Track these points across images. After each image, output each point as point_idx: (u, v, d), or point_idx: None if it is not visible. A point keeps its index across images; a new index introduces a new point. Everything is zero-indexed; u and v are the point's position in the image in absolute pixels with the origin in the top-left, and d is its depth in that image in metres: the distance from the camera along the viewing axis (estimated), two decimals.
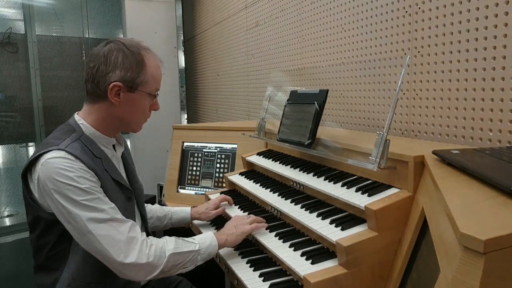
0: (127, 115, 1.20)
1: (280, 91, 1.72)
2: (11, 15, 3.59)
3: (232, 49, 3.11)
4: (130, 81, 1.15)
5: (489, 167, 0.81)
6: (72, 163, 1.06)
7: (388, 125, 1.01)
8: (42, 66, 3.66)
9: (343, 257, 0.93)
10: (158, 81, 1.23)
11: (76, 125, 1.19)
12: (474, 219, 0.61)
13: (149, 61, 1.19)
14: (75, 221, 1.04)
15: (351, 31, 1.68)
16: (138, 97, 1.18)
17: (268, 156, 1.65)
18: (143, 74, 1.17)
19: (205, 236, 1.21)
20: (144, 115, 1.24)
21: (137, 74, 1.16)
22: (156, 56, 1.24)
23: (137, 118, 1.23)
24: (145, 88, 1.18)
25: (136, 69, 1.15)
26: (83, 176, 1.06)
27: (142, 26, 3.72)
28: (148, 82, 1.18)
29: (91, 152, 1.14)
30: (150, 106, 1.24)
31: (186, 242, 1.16)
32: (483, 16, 1.12)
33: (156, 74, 1.21)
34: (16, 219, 3.65)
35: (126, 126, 1.24)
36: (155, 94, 1.23)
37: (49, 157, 1.06)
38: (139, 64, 1.16)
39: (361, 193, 1.05)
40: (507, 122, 1.08)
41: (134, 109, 1.20)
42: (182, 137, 2.16)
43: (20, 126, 3.64)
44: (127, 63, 1.15)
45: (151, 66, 1.19)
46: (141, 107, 1.21)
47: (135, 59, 1.16)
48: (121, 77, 1.14)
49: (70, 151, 1.08)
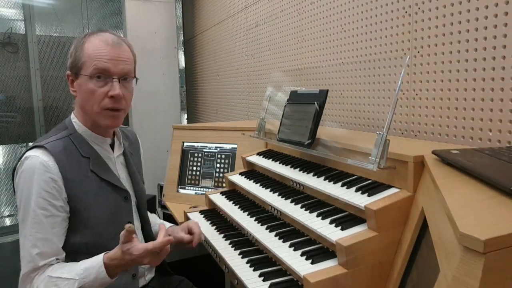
0: (82, 105, 1.18)
1: (280, 91, 1.72)
2: (11, 15, 3.60)
3: (232, 49, 3.11)
4: (73, 67, 1.15)
5: (489, 167, 0.82)
6: (41, 168, 1.08)
7: (388, 125, 1.01)
8: (42, 66, 3.66)
9: (343, 257, 0.93)
10: (97, 59, 1.11)
11: (70, 123, 1.20)
12: (474, 219, 0.61)
13: (88, 42, 1.13)
14: (19, 220, 1.10)
15: (351, 31, 1.68)
16: (82, 82, 1.14)
17: (268, 156, 1.65)
18: (82, 56, 1.13)
19: (91, 265, 1.06)
20: (95, 101, 1.13)
21: (76, 58, 1.14)
22: (111, 35, 1.16)
23: (90, 107, 1.14)
24: (85, 71, 1.13)
25: (76, 53, 1.14)
26: (43, 189, 1.07)
27: (142, 26, 3.72)
28: (85, 63, 1.12)
29: (78, 151, 1.15)
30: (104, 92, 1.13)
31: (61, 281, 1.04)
32: (483, 16, 1.12)
33: (92, 53, 1.11)
34: (16, 219, 3.65)
35: (89, 116, 1.18)
36: (93, 75, 1.11)
37: (28, 155, 1.10)
38: (79, 48, 1.14)
39: (361, 193, 1.05)
40: (506, 122, 1.08)
41: (84, 96, 1.15)
42: (182, 137, 2.16)
43: (20, 126, 3.65)
44: (73, 50, 1.16)
45: (89, 47, 1.12)
46: (87, 92, 1.13)
47: (77, 44, 1.15)
48: (69, 65, 1.16)
49: (49, 148, 1.10)
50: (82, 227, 1.13)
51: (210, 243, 1.36)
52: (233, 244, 1.31)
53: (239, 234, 1.40)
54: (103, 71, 1.12)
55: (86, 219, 1.13)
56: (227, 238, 1.37)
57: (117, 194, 1.21)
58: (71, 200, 1.12)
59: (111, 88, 1.12)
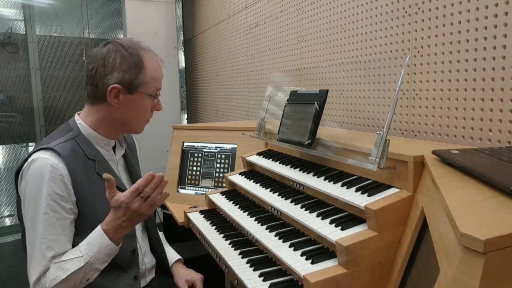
0: (127, 117, 1.19)
1: (280, 91, 1.72)
2: (11, 15, 3.60)
3: (232, 49, 3.11)
4: (129, 83, 1.14)
5: (489, 167, 0.81)
6: (51, 171, 1.06)
7: (388, 125, 1.01)
8: (42, 66, 3.66)
9: (343, 257, 0.93)
10: (159, 81, 1.22)
11: (74, 125, 1.19)
12: (474, 219, 0.61)
13: (148, 62, 1.18)
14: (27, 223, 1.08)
15: (351, 31, 1.68)
16: (138, 99, 1.17)
17: (268, 156, 1.65)
18: (142, 75, 1.16)
19: (92, 240, 1.08)
20: (145, 116, 1.23)
21: (135, 76, 1.15)
22: (157, 56, 1.23)
23: (138, 120, 1.22)
24: (145, 89, 1.17)
25: (134, 70, 1.14)
26: (52, 190, 1.06)
27: (142, 26, 3.72)
28: (147, 83, 1.17)
29: (84, 153, 1.14)
30: (152, 107, 1.23)
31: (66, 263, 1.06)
32: (483, 16, 1.12)
33: (156, 75, 1.20)
34: (16, 219, 3.65)
35: (127, 128, 1.24)
36: (155, 94, 1.21)
37: (35, 157, 1.08)
38: (138, 65, 1.15)
39: (361, 193, 1.05)
40: (507, 122, 1.08)
41: (134, 111, 1.19)
42: (182, 137, 2.16)
43: (20, 126, 3.65)
44: (125, 65, 1.14)
45: (150, 67, 1.18)
46: (142, 108, 1.20)
47: (134, 61, 1.15)
48: (120, 79, 1.13)
49: (58, 151, 1.08)
50: (87, 229, 1.12)
51: (210, 243, 1.36)
52: (233, 244, 1.31)
53: (239, 234, 1.40)
54: (159, 91, 1.24)
55: (92, 221, 1.12)
56: (227, 238, 1.37)
57: None
58: (79, 202, 1.12)
59: (158, 104, 1.25)
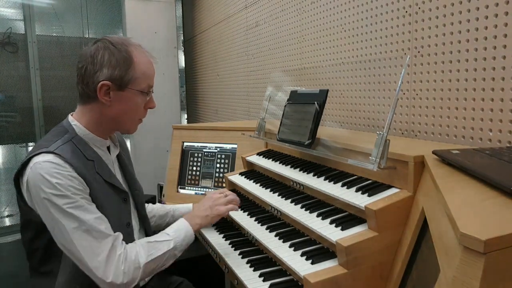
0: (119, 114, 1.17)
1: (280, 91, 1.72)
2: (11, 15, 3.59)
3: (232, 49, 3.11)
4: (119, 79, 1.12)
5: (489, 167, 0.81)
6: (59, 169, 1.04)
7: (388, 125, 1.01)
8: (42, 66, 3.66)
9: (343, 257, 0.93)
10: (150, 77, 1.20)
11: (69, 126, 1.17)
12: (474, 219, 0.61)
13: (138, 58, 1.16)
14: (58, 229, 1.03)
15: (351, 31, 1.68)
16: (129, 96, 1.15)
17: (268, 156, 1.65)
18: (132, 71, 1.14)
19: (179, 227, 1.20)
20: (137, 114, 1.21)
21: (125, 72, 1.13)
22: (147, 52, 1.21)
23: (131, 118, 1.20)
24: (136, 86, 1.15)
25: (123, 66, 1.13)
26: (68, 184, 1.03)
27: (142, 26, 3.72)
28: (138, 79, 1.15)
29: (83, 154, 1.13)
30: (145, 105, 1.21)
31: (159, 244, 1.13)
32: (483, 16, 1.12)
33: (146, 70, 1.18)
34: (16, 219, 3.65)
35: (120, 126, 1.22)
36: (147, 91, 1.19)
37: (37, 160, 1.04)
38: (126, 61, 1.13)
39: (361, 193, 1.05)
40: (507, 122, 1.08)
41: (126, 108, 1.17)
42: (182, 137, 2.16)
43: (20, 126, 3.64)
44: (114, 61, 1.12)
45: (141, 63, 1.16)
46: (133, 105, 1.18)
47: (122, 56, 1.13)
48: (109, 76, 1.11)
49: (59, 154, 1.06)
50: None
51: (210, 243, 1.36)
52: (233, 244, 1.31)
53: (239, 234, 1.40)
54: (151, 88, 1.22)
55: None
56: (227, 238, 1.37)
57: (118, 196, 1.20)
58: (91, 196, 1.10)
59: (151, 101, 1.23)
